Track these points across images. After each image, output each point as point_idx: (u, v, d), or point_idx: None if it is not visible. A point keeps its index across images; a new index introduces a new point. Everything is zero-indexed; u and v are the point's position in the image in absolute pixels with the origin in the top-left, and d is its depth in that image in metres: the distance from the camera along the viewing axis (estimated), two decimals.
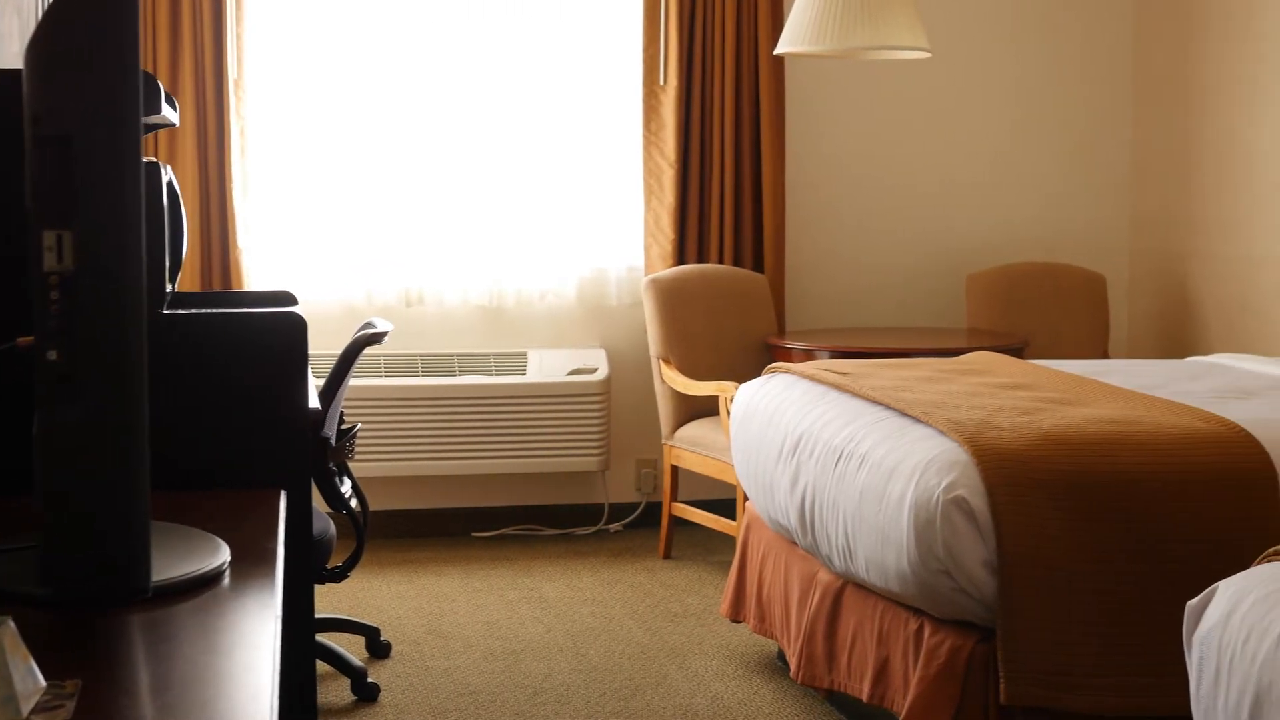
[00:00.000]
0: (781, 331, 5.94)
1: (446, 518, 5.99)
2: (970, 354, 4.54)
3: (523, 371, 5.87)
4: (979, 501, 3.11)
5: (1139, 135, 6.46)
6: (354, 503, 4.23)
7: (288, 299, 3.42)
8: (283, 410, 2.65)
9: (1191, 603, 2.38)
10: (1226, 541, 3.15)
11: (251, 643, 1.66)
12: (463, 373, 5.84)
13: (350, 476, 4.25)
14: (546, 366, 5.88)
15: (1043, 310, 6.02)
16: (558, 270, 5.99)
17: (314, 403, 3.73)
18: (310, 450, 2.77)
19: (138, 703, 1.46)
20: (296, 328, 2.66)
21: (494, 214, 5.95)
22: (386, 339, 5.56)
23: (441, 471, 5.80)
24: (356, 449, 5.54)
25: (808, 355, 5.33)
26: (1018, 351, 5.38)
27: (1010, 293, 6.04)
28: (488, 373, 5.85)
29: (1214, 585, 2.35)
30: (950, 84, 6.33)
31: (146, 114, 2.26)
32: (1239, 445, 3.28)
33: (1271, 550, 2.36)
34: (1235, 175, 5.83)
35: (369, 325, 4.21)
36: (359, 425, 4.31)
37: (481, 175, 5.94)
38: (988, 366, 4.26)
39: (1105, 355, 6.01)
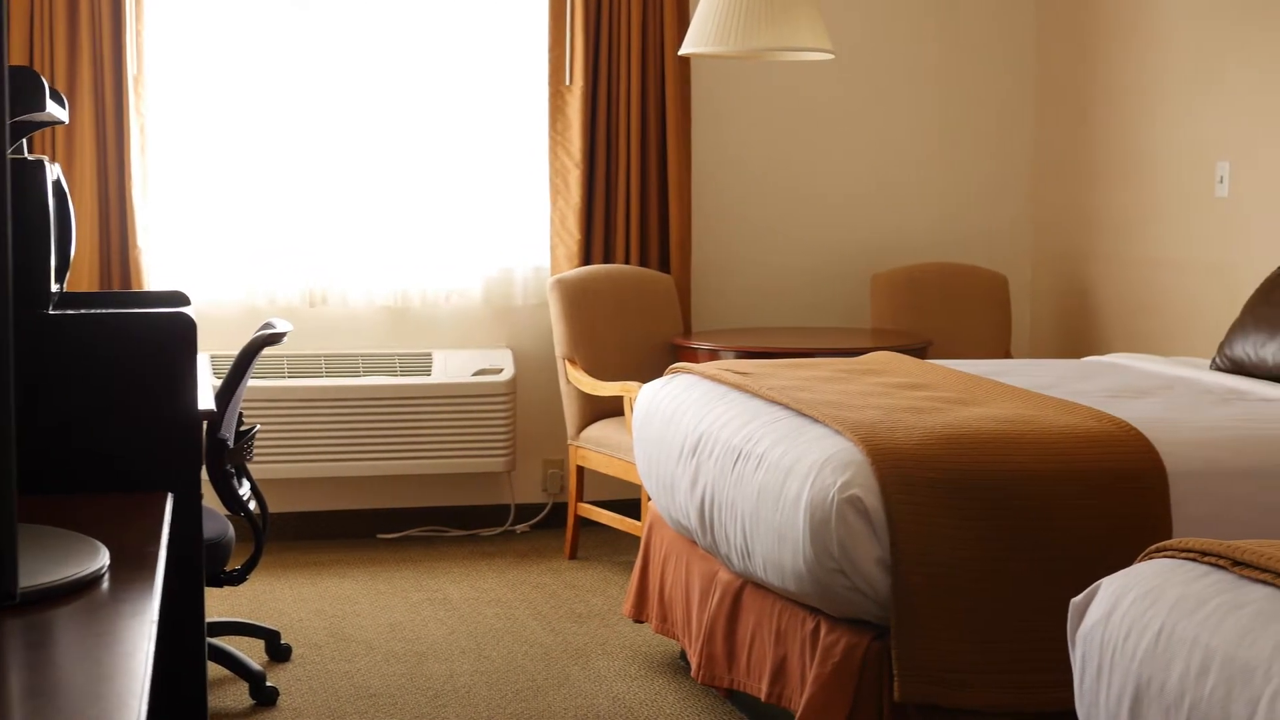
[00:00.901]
0: (687, 332, 5.95)
1: (351, 519, 5.95)
2: (870, 354, 4.57)
3: (428, 372, 5.84)
4: (873, 500, 3.13)
5: (1041, 137, 6.54)
6: (253, 505, 4.19)
7: (180, 299, 3.38)
8: (170, 412, 2.62)
9: (1075, 600, 2.41)
10: (1117, 539, 3.19)
11: (125, 649, 1.64)
12: (367, 373, 5.81)
13: (249, 478, 4.21)
14: (452, 367, 5.86)
15: (946, 310, 6.07)
16: (464, 270, 5.97)
17: (210, 404, 3.69)
18: (200, 452, 2.74)
19: (2, 711, 1.44)
20: (185, 328, 2.62)
21: (399, 214, 5.92)
22: (290, 340, 5.54)
23: (346, 473, 5.76)
24: (258, 451, 5.51)
25: (713, 355, 5.35)
26: (920, 351, 5.43)
27: (914, 293, 6.09)
28: (393, 373, 5.82)
29: (1097, 583, 2.38)
30: (855, 86, 6.37)
31: (23, 111, 2.22)
32: (1129, 444, 3.33)
33: (1153, 547, 2.40)
34: (1134, 177, 5.91)
35: (268, 326, 4.17)
36: (258, 427, 4.27)
37: (386, 175, 5.90)
38: (886, 366, 4.29)
39: (1007, 355, 6.08)
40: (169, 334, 2.62)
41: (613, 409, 5.57)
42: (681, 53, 5.29)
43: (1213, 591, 2.15)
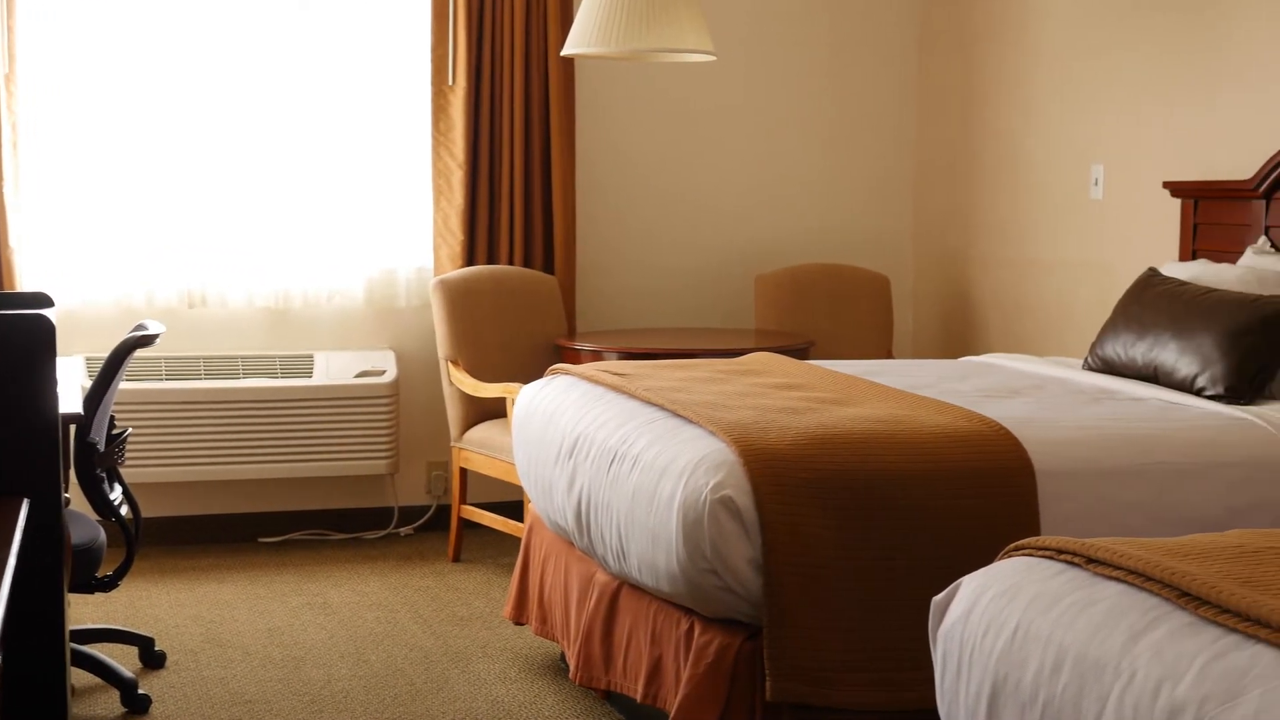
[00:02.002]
0: (571, 333, 5.94)
1: (231, 523, 5.88)
2: (749, 355, 4.58)
3: (309, 374, 5.78)
4: (745, 501, 3.14)
5: (922, 140, 6.61)
6: (125, 510, 4.13)
7: (43, 300, 3.33)
8: (28, 415, 2.57)
9: (937, 598, 2.43)
10: (986, 538, 3.21)
11: None
12: (247, 375, 5.74)
13: (121, 482, 4.15)
14: (334, 368, 5.80)
15: (829, 311, 6.11)
16: (346, 271, 5.92)
17: (77, 407, 3.62)
18: (59, 456, 2.69)
19: None
20: (43, 330, 2.57)
21: (280, 213, 5.86)
22: (169, 341, 5.47)
23: (226, 476, 5.69)
24: (135, 455, 5.42)
25: (596, 356, 5.34)
26: (803, 352, 5.46)
27: (797, 294, 6.13)
28: (273, 375, 5.75)
29: (958, 581, 2.40)
30: (739, 88, 6.40)
31: None
32: (999, 443, 3.36)
33: (1012, 546, 2.42)
34: (1012, 179, 5.99)
35: (140, 327, 4.11)
36: (129, 430, 4.20)
37: (267, 174, 5.84)
38: (765, 367, 4.31)
39: (889, 355, 6.13)
40: (26, 336, 2.57)
41: (496, 410, 5.55)
42: (564, 53, 5.28)
43: (1067, 589, 2.17)
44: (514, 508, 5.55)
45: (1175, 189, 5.01)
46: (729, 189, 6.43)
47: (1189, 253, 4.96)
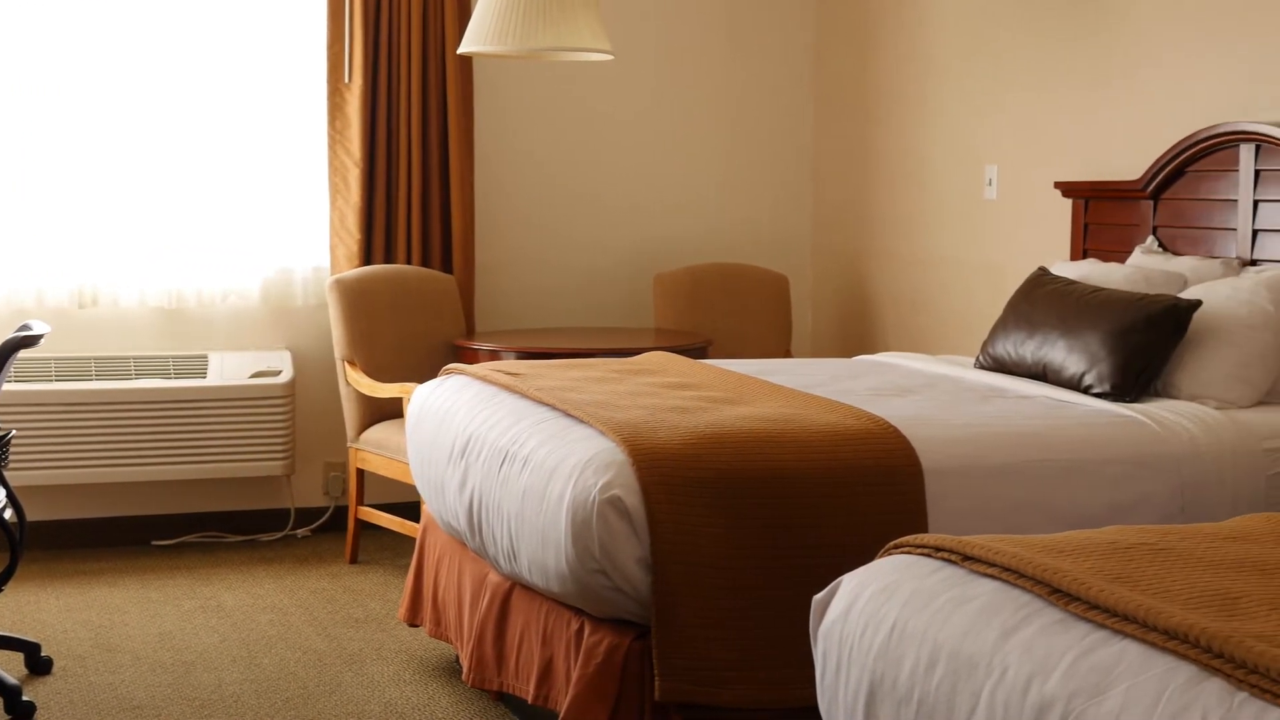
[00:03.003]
0: (469, 332, 5.92)
1: (124, 526, 5.79)
2: (645, 354, 4.58)
3: (203, 374, 5.71)
4: (634, 500, 3.13)
5: (821, 140, 6.64)
6: (8, 513, 4.06)
7: None
8: None
9: (817, 597, 2.43)
10: (875, 536, 3.22)
11: None
12: (140, 376, 5.66)
13: (5, 485, 4.07)
14: (228, 369, 5.73)
15: (728, 310, 6.13)
16: (241, 270, 5.85)
17: None
18: None
19: None
20: None
21: (174, 212, 5.78)
22: (59, 342, 5.39)
23: (119, 479, 5.60)
24: (26, 457, 5.33)
25: (494, 356, 5.32)
26: (701, 351, 5.47)
27: (696, 293, 6.13)
28: (166, 376, 5.68)
29: (839, 579, 2.41)
30: (638, 87, 6.40)
31: None
32: (887, 442, 3.38)
33: (892, 544, 2.44)
34: (909, 180, 6.04)
35: (25, 328, 4.04)
36: (13, 431, 4.13)
37: (162, 172, 5.76)
38: (660, 366, 4.31)
39: (788, 354, 6.16)
40: None
41: (393, 411, 5.51)
42: (460, 51, 5.25)
43: (943, 586, 2.19)
44: (412, 509, 5.51)
45: (1066, 189, 5.07)
46: (629, 188, 6.43)
47: (1080, 252, 5.03)
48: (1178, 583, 2.04)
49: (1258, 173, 4.31)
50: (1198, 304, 3.93)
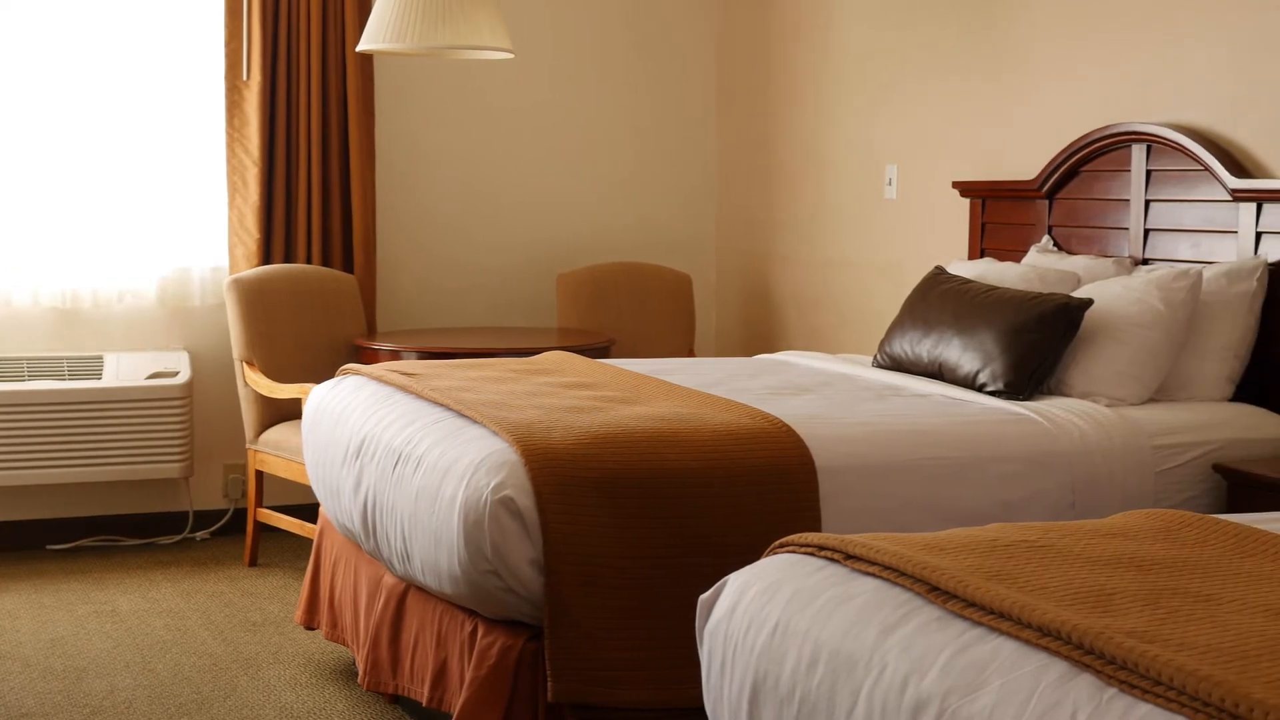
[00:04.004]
0: (370, 332, 5.87)
1: (17, 530, 5.69)
2: (544, 354, 4.57)
3: (99, 375, 5.62)
4: (526, 501, 3.12)
5: (724, 139, 6.65)
6: None
7: None
8: None
9: (703, 596, 2.43)
10: (768, 535, 3.22)
11: None
12: (33, 377, 5.56)
13: None
14: (124, 370, 5.65)
15: (631, 309, 6.12)
16: (137, 270, 5.77)
17: None
18: None
19: None
20: None
21: (68, 210, 5.69)
22: None
23: (12, 482, 5.49)
24: None
25: (394, 356, 5.28)
26: (603, 350, 5.46)
27: (599, 292, 6.13)
28: (60, 377, 5.59)
29: (725, 578, 2.41)
30: (541, 86, 6.38)
31: None
32: (781, 440, 3.39)
33: (777, 543, 2.44)
34: (811, 179, 6.06)
35: None
36: None
37: (55, 170, 5.67)
38: (557, 366, 4.29)
39: (691, 353, 6.16)
40: None
41: (293, 412, 5.45)
42: (359, 49, 5.21)
43: (826, 585, 2.19)
44: (312, 511, 5.44)
45: (964, 189, 5.11)
46: (532, 187, 6.41)
47: (978, 251, 5.07)
48: (1055, 580, 2.06)
49: (1149, 173, 4.37)
50: (1089, 303, 3.97)
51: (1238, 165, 4.09)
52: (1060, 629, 1.81)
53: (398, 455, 3.56)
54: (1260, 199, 3.99)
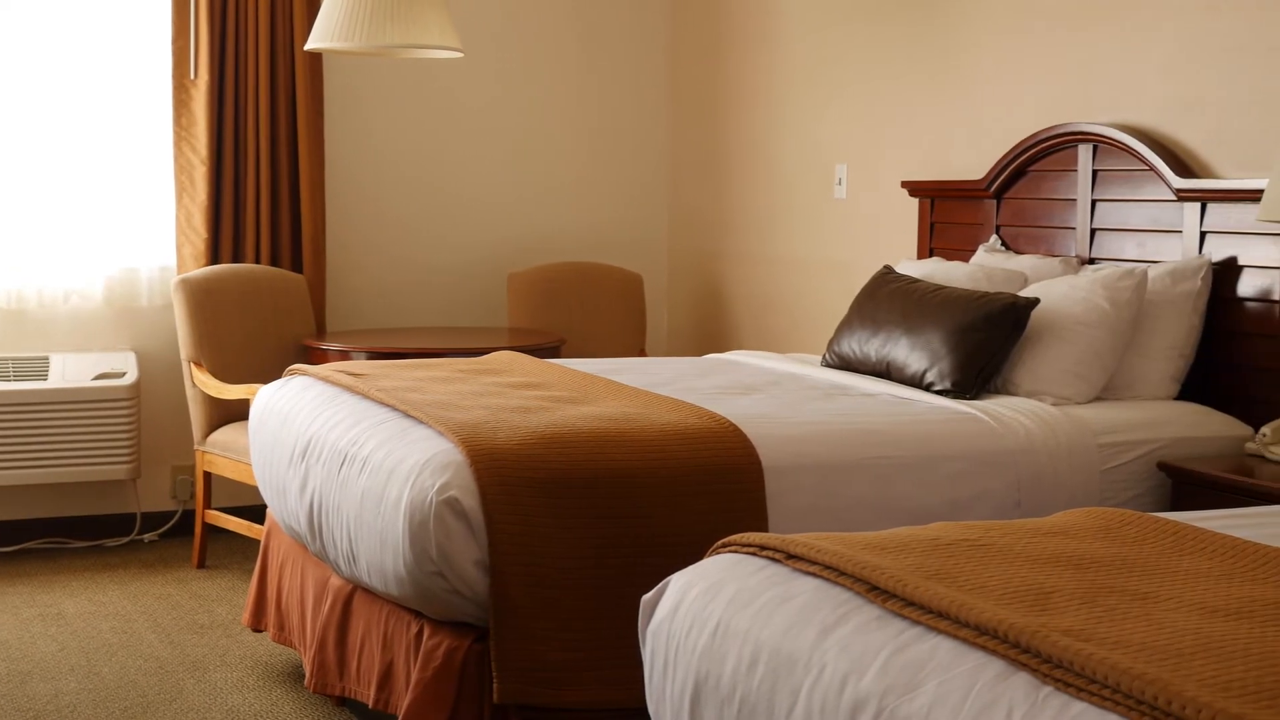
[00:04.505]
0: (320, 332, 5.84)
1: None
2: (493, 353, 4.55)
3: (44, 376, 5.57)
4: (471, 502, 3.11)
5: (675, 139, 6.65)
6: None
7: None
8: None
9: (646, 597, 2.43)
10: (714, 535, 3.22)
11: None
12: None
13: None
14: (70, 371, 5.60)
15: (582, 309, 6.11)
16: (84, 270, 5.72)
17: None
18: None
19: None
20: None
21: (13, 209, 5.63)
22: None
23: None
24: None
25: (344, 356, 5.26)
26: (554, 350, 5.45)
27: (550, 292, 6.11)
28: (6, 378, 5.53)
29: (668, 579, 2.41)
30: (491, 85, 6.36)
31: None
32: (728, 440, 3.39)
33: (720, 543, 2.43)
34: (761, 179, 6.07)
35: None
36: None
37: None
38: (506, 366, 4.28)
39: (642, 353, 6.16)
40: None
41: (242, 413, 5.42)
42: (308, 48, 5.18)
43: (767, 585, 2.19)
44: (260, 512, 5.41)
45: (913, 189, 5.13)
46: (483, 187, 6.39)
47: (926, 250, 5.09)
48: (994, 579, 2.06)
49: (1095, 173, 4.39)
50: (1035, 302, 3.99)
51: (1182, 165, 4.12)
52: (997, 628, 1.82)
53: (343, 456, 3.54)
54: (1204, 199, 4.02)
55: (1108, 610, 1.92)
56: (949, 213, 5.01)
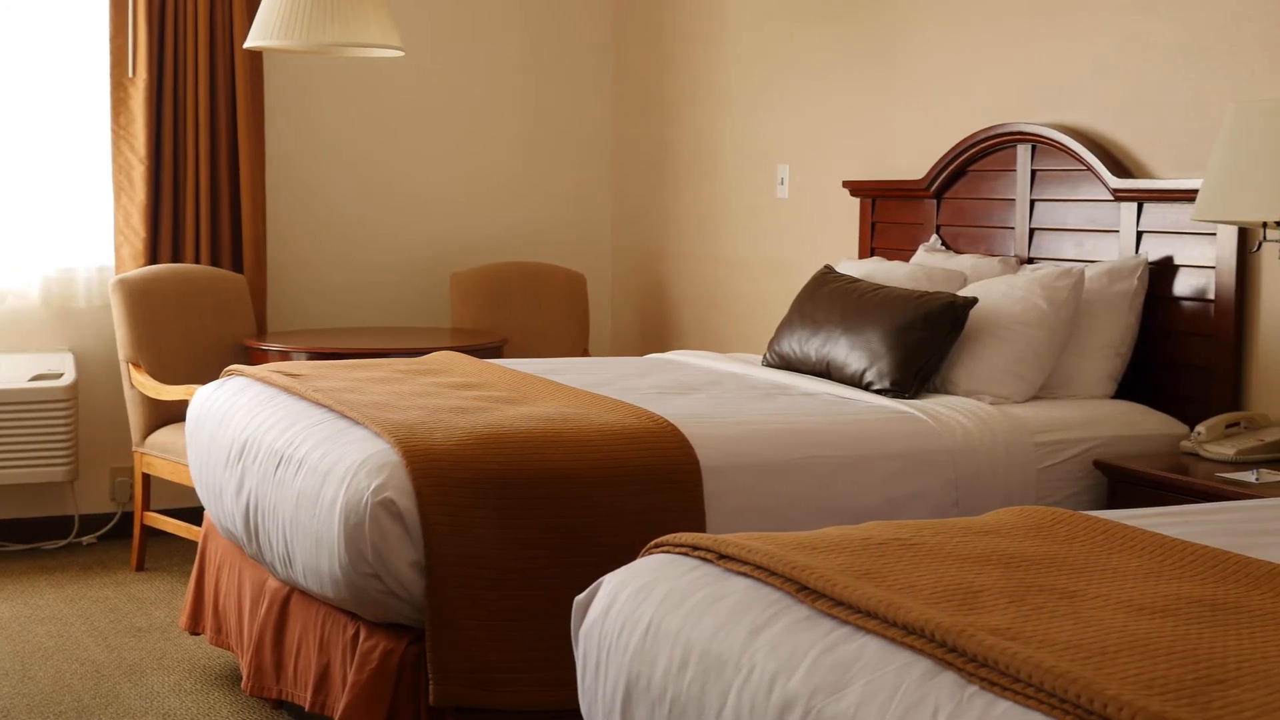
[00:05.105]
0: (261, 333, 5.80)
1: None
2: (433, 354, 4.53)
3: None
4: (407, 503, 3.09)
5: (619, 139, 6.64)
6: None
7: None
8: None
9: (579, 598, 2.42)
10: (651, 535, 3.20)
11: None
12: None
13: None
14: (7, 372, 5.53)
15: (526, 309, 6.10)
16: (20, 269, 5.66)
17: None
18: None
19: None
20: None
21: None
22: None
23: None
24: None
25: (284, 356, 5.22)
26: (496, 350, 5.43)
27: (493, 292, 6.09)
28: None
29: (600, 579, 2.40)
30: (435, 84, 6.34)
31: None
32: (665, 440, 3.38)
33: (653, 543, 2.43)
34: (705, 179, 6.07)
35: None
36: None
37: None
38: (445, 366, 4.26)
39: (586, 353, 6.15)
40: None
41: (181, 414, 5.36)
42: (247, 46, 5.14)
43: (698, 585, 2.18)
44: (201, 514, 5.37)
45: (855, 188, 5.14)
46: (426, 186, 6.36)
47: (868, 250, 5.10)
48: (924, 578, 2.06)
49: (1034, 173, 4.41)
50: (974, 301, 4.00)
51: (1119, 165, 4.15)
52: (924, 627, 1.82)
53: (279, 457, 3.51)
54: (1141, 198, 4.05)
55: (1035, 609, 1.92)
56: (890, 213, 5.03)
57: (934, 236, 4.80)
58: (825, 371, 4.19)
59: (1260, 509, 2.74)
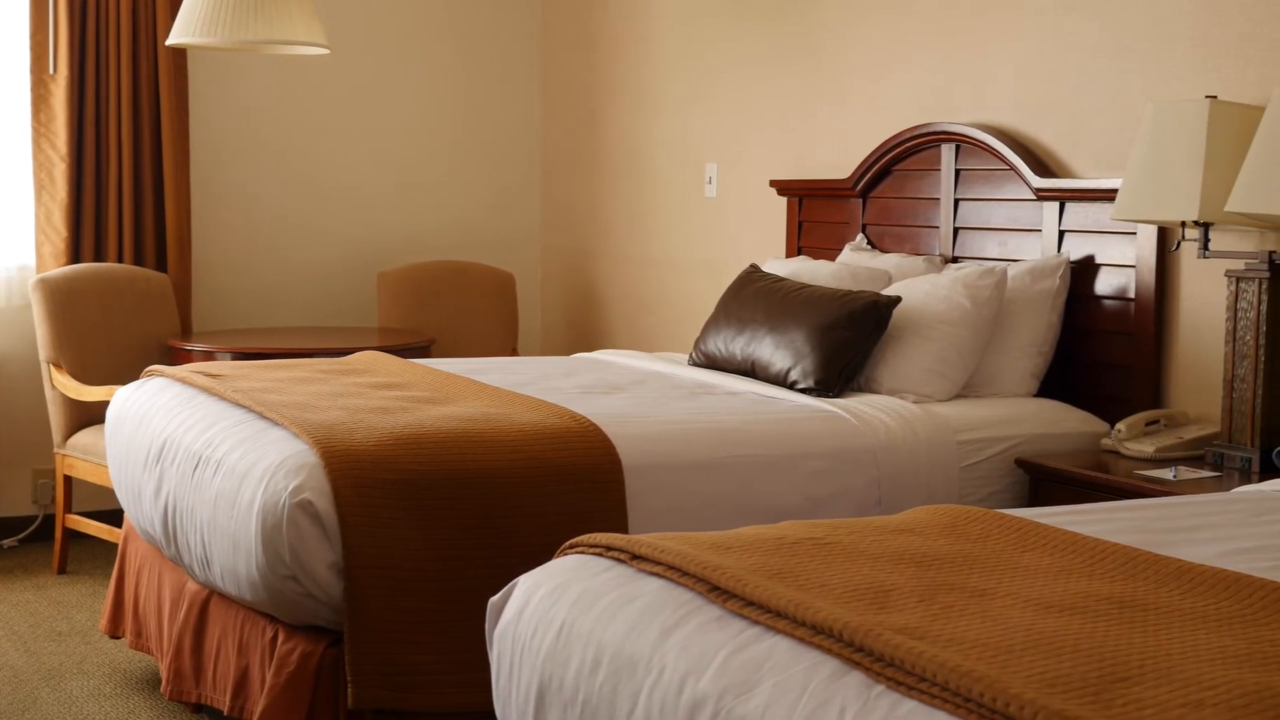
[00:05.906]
0: (185, 333, 5.74)
1: None
2: (356, 354, 4.50)
3: None
4: (325, 504, 3.06)
5: (548, 138, 6.62)
6: None
7: None
8: None
9: (493, 599, 2.40)
10: (573, 536, 3.19)
11: None
12: None
13: None
14: None
15: (453, 309, 6.07)
16: None
17: None
18: None
19: None
20: None
21: None
22: None
23: None
24: None
25: (208, 357, 5.17)
26: (423, 350, 5.40)
27: (420, 291, 6.06)
28: None
29: (515, 580, 2.38)
30: (361, 82, 6.29)
31: None
32: (587, 440, 3.37)
33: (567, 544, 2.41)
34: (634, 178, 6.06)
35: None
36: None
37: None
38: (368, 366, 4.23)
39: (514, 353, 6.12)
40: None
41: (103, 415, 5.29)
42: (169, 43, 5.08)
43: (611, 586, 2.17)
44: (123, 516, 5.31)
45: (782, 188, 5.15)
46: (352, 185, 6.32)
47: (795, 249, 5.10)
48: (836, 577, 2.06)
49: (958, 172, 4.43)
50: (897, 300, 4.01)
51: (1041, 165, 4.17)
52: (832, 627, 1.81)
53: (197, 459, 3.47)
54: (1063, 198, 4.07)
55: (944, 608, 1.92)
56: (817, 212, 5.04)
57: (860, 235, 4.81)
58: (750, 370, 4.19)
59: (1175, 506, 2.76)
